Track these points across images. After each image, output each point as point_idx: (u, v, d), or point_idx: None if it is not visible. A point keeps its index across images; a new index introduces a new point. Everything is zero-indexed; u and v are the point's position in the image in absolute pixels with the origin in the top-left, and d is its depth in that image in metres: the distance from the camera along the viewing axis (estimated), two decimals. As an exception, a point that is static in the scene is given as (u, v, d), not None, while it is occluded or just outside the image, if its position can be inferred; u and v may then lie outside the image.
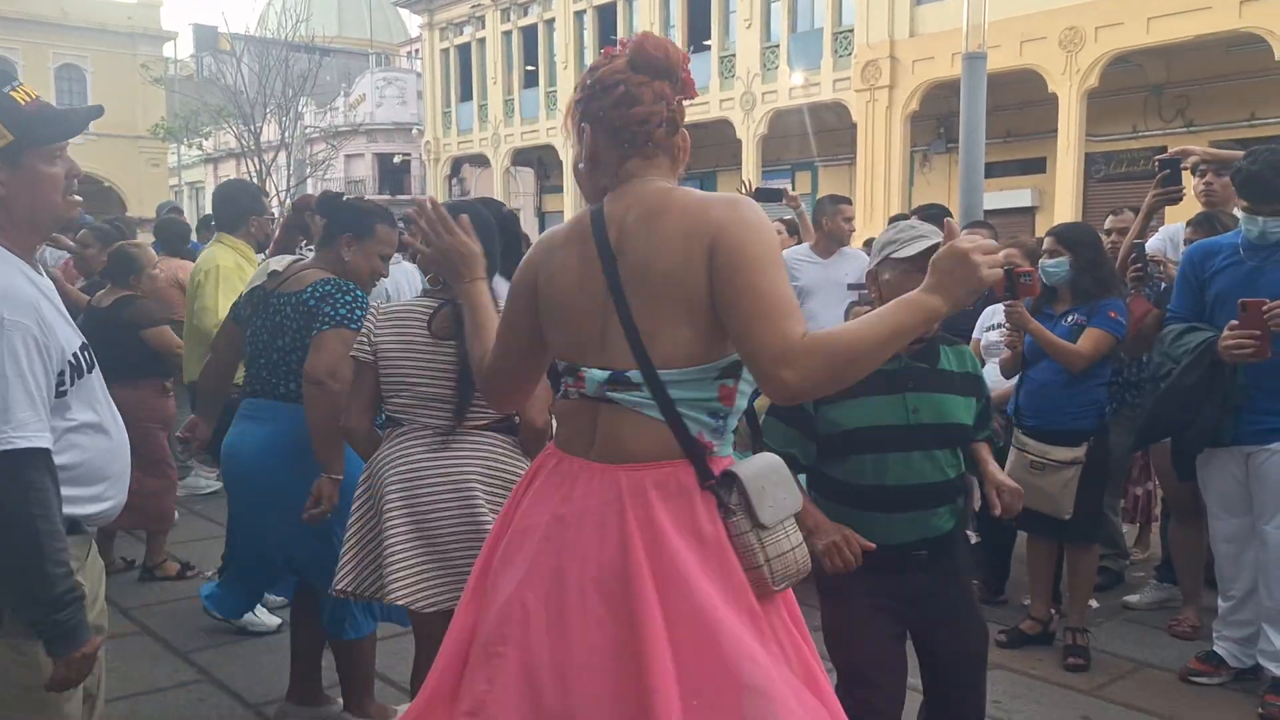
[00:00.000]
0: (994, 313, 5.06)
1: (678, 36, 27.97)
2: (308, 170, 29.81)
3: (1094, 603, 4.87)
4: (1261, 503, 3.89)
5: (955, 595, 2.92)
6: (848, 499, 2.83)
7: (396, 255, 5.28)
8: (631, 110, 2.00)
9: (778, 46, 25.65)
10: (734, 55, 26.62)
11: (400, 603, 3.03)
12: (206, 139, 31.89)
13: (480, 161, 35.92)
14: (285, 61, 26.60)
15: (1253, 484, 3.90)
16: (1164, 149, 17.81)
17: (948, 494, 2.86)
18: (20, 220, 2.14)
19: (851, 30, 23.83)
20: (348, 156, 41.67)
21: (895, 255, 2.79)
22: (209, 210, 8.94)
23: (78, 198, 2.26)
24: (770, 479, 1.99)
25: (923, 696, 3.03)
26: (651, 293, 1.92)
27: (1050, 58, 19.84)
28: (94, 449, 2.23)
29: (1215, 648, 4.19)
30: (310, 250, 8.26)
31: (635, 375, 1.93)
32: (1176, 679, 4.20)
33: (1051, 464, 4.29)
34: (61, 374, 2.12)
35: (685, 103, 2.07)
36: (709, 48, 27.29)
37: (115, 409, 2.34)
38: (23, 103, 2.10)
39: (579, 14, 30.87)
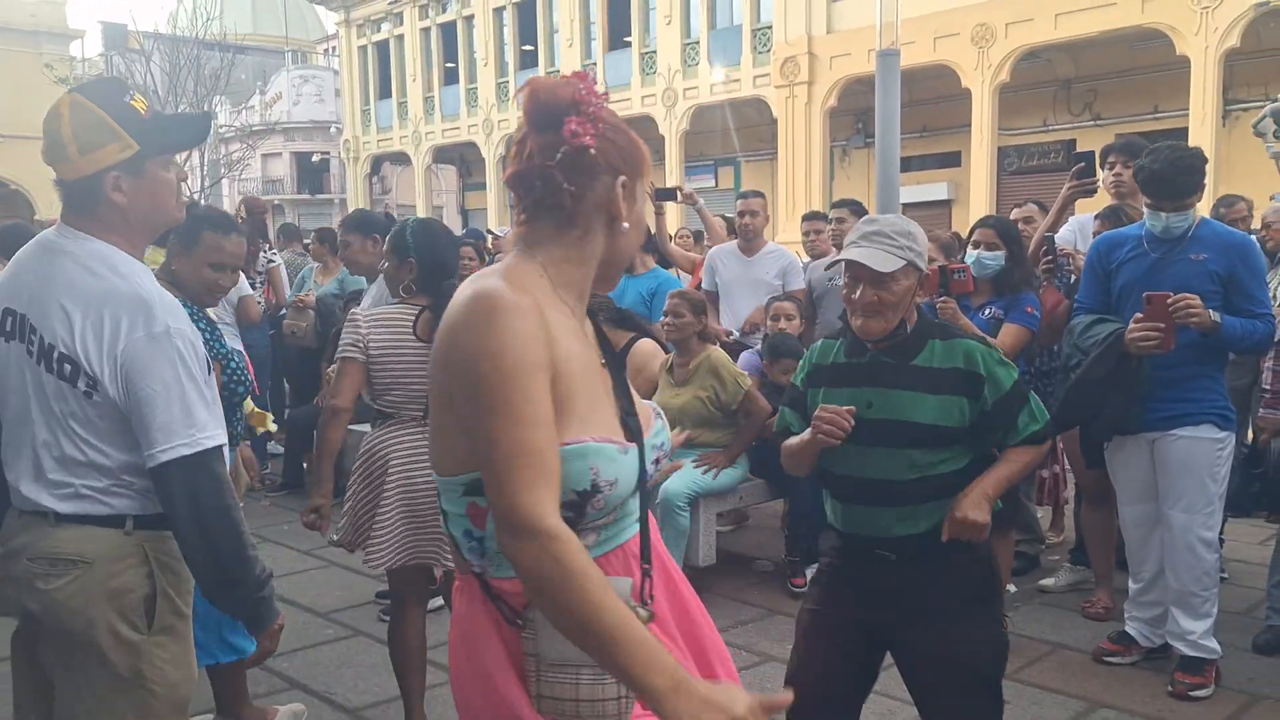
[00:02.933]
0: None
1: (598, 34, 27.99)
2: (223, 171, 29.20)
3: (1011, 587, 4.98)
4: (1166, 488, 4.01)
5: (932, 604, 2.64)
6: (822, 479, 2.84)
7: None
8: (508, 172, 1.73)
9: (698, 43, 25.78)
10: (655, 52, 26.69)
11: (379, 566, 3.48)
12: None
13: (401, 160, 35.53)
14: (197, 60, 26.02)
15: (1157, 470, 4.03)
16: (1074, 142, 18.25)
17: (907, 496, 2.64)
18: (137, 226, 2.22)
19: (770, 27, 24.05)
20: (265, 156, 40.96)
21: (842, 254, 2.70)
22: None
23: (184, 199, 2.35)
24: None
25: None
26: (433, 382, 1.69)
27: (963, 53, 20.23)
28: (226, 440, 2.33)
29: (1126, 628, 4.30)
30: (274, 254, 8.14)
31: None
32: (1090, 660, 4.31)
33: (971, 454, 4.37)
34: (205, 372, 2.22)
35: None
36: (629, 44, 27.32)
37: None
38: (142, 112, 2.19)
39: (498, 11, 30.68)
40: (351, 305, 5.14)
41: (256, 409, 4.08)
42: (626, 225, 1.73)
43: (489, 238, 9.85)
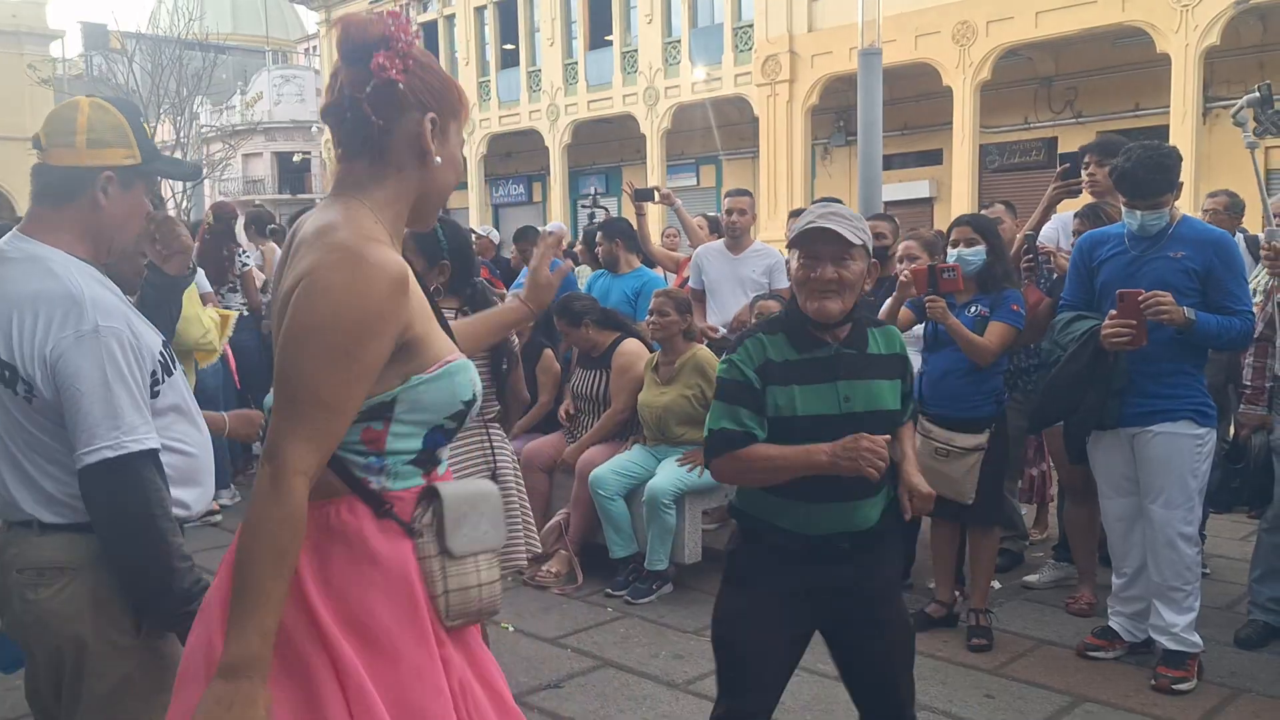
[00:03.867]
0: None
1: (579, 32, 27.96)
2: (205, 171, 29.06)
3: (996, 584, 5.00)
4: (1146, 482, 4.04)
5: (875, 590, 2.74)
6: (773, 487, 2.69)
7: None
8: (321, 105, 1.81)
9: (679, 42, 25.78)
10: (636, 51, 26.67)
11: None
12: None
13: (383, 159, 35.43)
14: (179, 60, 25.88)
15: (1138, 464, 4.06)
16: (1055, 139, 18.32)
17: (873, 486, 2.64)
18: (103, 236, 2.22)
19: (751, 25, 24.06)
20: (246, 156, 40.74)
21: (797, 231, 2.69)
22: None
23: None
24: (477, 507, 1.79)
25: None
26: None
27: (944, 52, 20.29)
28: (194, 444, 2.30)
29: (1110, 623, 4.33)
30: (247, 257, 8.08)
31: None
32: (1075, 655, 4.34)
33: (956, 450, 4.40)
34: (154, 373, 2.17)
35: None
36: (611, 43, 27.31)
37: (197, 405, 2.38)
38: (150, 139, 2.25)
39: (479, 10, 30.62)
40: None
41: None
42: (439, 159, 1.77)
43: (472, 237, 9.84)
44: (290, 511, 1.57)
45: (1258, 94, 4.24)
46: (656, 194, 7.27)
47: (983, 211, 5.77)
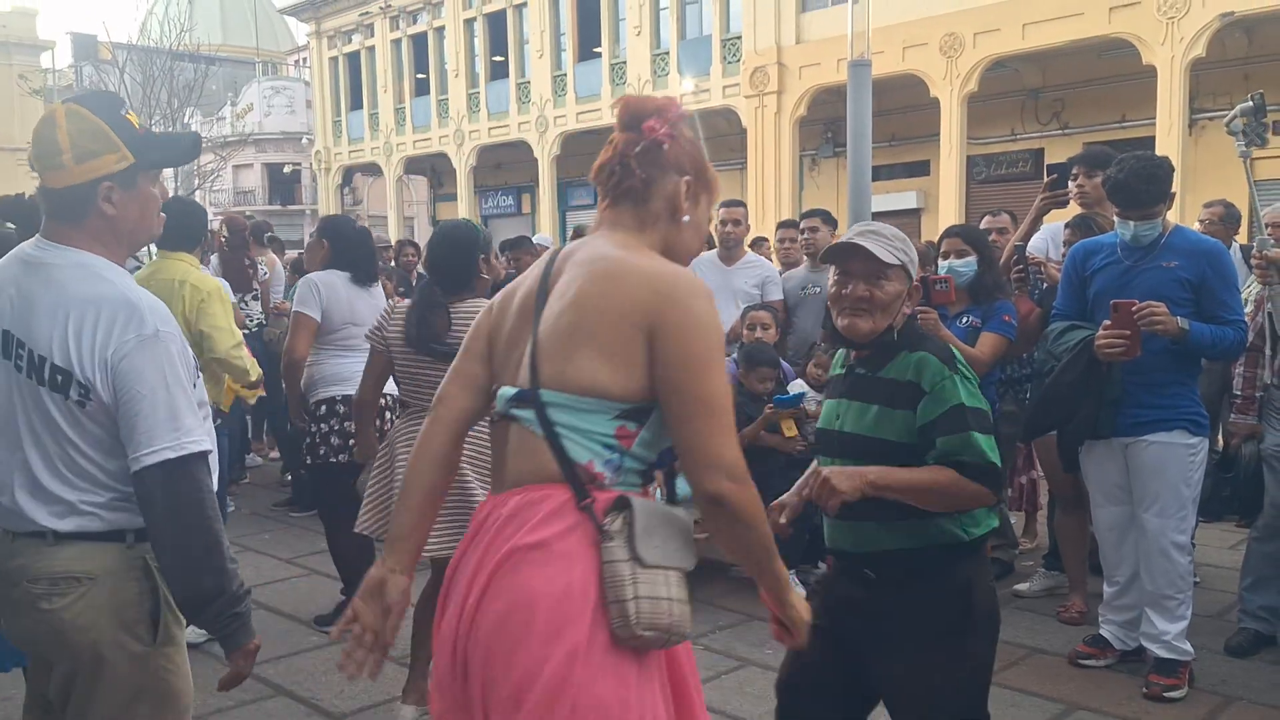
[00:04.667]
0: None
1: (568, 44, 28.00)
2: (196, 182, 29.01)
3: (987, 593, 5.01)
4: (1139, 492, 4.06)
5: (903, 631, 2.52)
6: None
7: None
8: (595, 164, 2.08)
9: (667, 53, 25.84)
10: (624, 62, 26.71)
11: (361, 530, 3.96)
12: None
13: (372, 171, 35.41)
14: (170, 71, 25.86)
15: (1131, 474, 4.07)
16: (1041, 151, 18.33)
17: (871, 512, 2.48)
18: (123, 238, 2.24)
19: (739, 37, 24.13)
20: (236, 167, 40.65)
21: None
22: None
23: (163, 215, 2.35)
24: (667, 526, 1.89)
25: None
26: (558, 319, 1.91)
27: (931, 63, 20.38)
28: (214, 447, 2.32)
29: (1101, 631, 4.35)
30: (263, 266, 8.11)
31: (528, 392, 1.91)
32: (1066, 663, 4.35)
33: (948, 460, 4.40)
34: (195, 377, 2.22)
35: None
36: (600, 55, 27.36)
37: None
38: (135, 127, 2.21)
39: (469, 22, 30.65)
40: None
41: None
42: (686, 218, 2.05)
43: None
44: (755, 493, 1.89)
45: (1251, 103, 4.26)
46: None
47: (988, 220, 5.78)
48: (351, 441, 4.64)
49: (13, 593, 2.14)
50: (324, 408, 4.88)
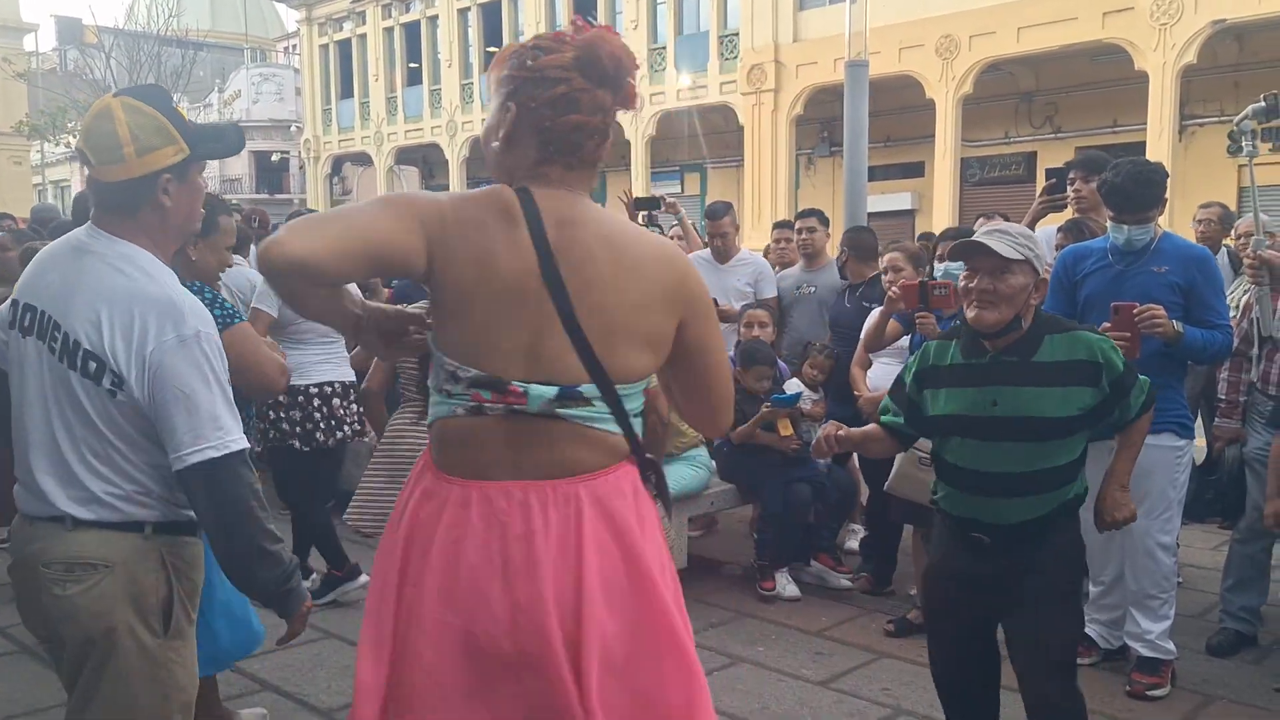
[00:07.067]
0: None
1: (564, 37, 27.92)
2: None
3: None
4: (1127, 493, 4.12)
5: (1029, 588, 2.88)
6: (944, 474, 3.02)
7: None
8: (565, 117, 1.86)
9: (664, 48, 25.86)
10: (620, 56, 26.69)
11: (349, 522, 4.30)
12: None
13: (362, 160, 35.30)
14: (157, 56, 25.75)
15: (1119, 475, 4.13)
16: (1034, 154, 18.27)
17: (1023, 486, 2.85)
18: (173, 231, 2.26)
19: (737, 34, 24.17)
20: (224, 154, 40.46)
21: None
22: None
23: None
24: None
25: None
26: (602, 315, 1.84)
27: (927, 65, 20.46)
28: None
29: (1086, 630, 4.40)
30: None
31: (588, 389, 1.85)
32: (1051, 661, 4.41)
33: (940, 460, 4.46)
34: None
35: None
36: (595, 48, 27.31)
37: None
38: (186, 120, 2.23)
39: (463, 11, 30.59)
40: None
41: None
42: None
43: None
44: None
45: (1264, 104, 4.26)
46: (663, 203, 7.30)
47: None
48: (304, 429, 4.97)
49: (29, 577, 2.17)
50: (283, 396, 5.01)
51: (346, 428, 5.11)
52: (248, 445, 2.17)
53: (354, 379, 5.15)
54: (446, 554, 1.86)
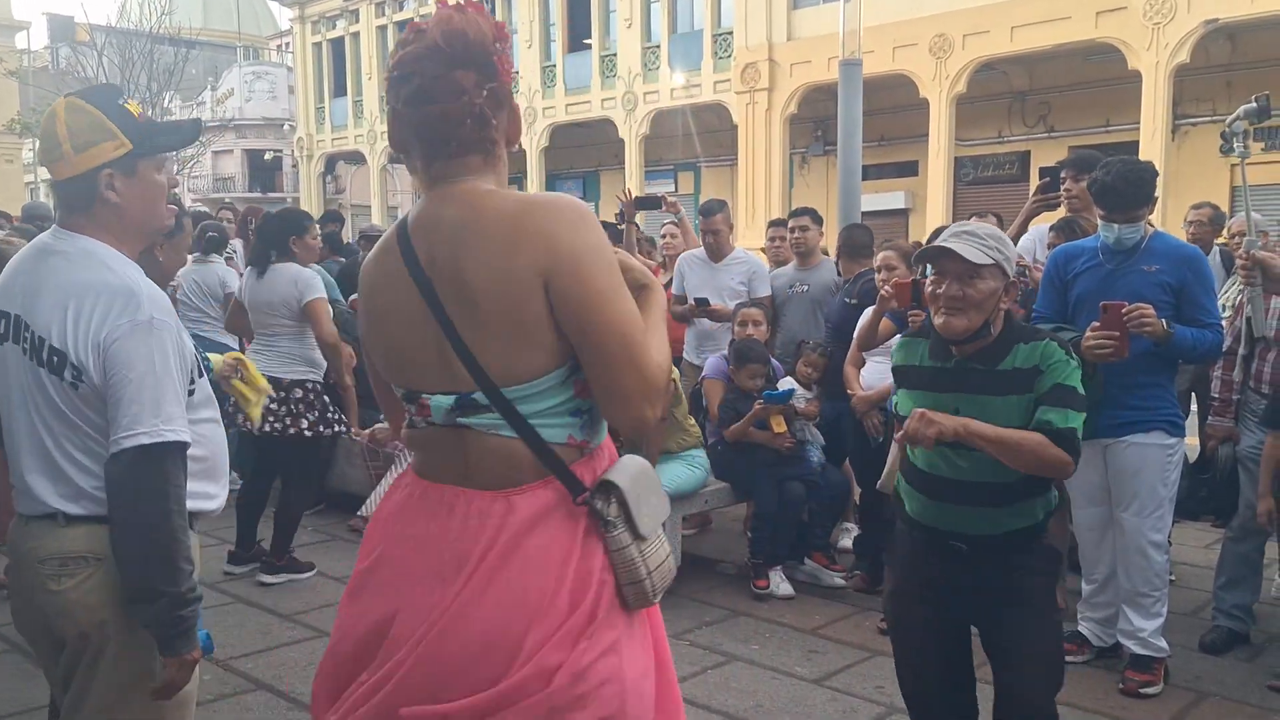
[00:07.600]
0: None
1: (558, 35, 27.96)
2: (175, 168, 28.86)
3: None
4: (1118, 492, 4.12)
5: (1004, 593, 2.80)
6: (912, 479, 2.93)
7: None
8: (423, 109, 1.79)
9: (658, 47, 25.85)
10: (615, 55, 26.71)
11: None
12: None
13: (356, 159, 35.28)
14: (150, 54, 25.68)
15: (1110, 474, 4.14)
16: (1028, 154, 18.29)
17: (988, 496, 2.76)
18: (131, 228, 2.25)
19: (731, 33, 24.16)
20: (215, 153, 40.42)
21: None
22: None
23: (173, 206, 2.38)
24: (644, 485, 1.86)
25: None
26: (472, 312, 1.75)
27: (921, 64, 20.48)
28: (217, 444, 2.33)
29: (1079, 628, 4.41)
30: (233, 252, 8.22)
31: (480, 397, 1.78)
32: (1044, 659, 4.41)
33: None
34: (191, 372, 2.22)
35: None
36: (590, 47, 27.34)
37: (219, 408, 2.43)
38: (135, 115, 2.23)
39: (457, 10, 30.53)
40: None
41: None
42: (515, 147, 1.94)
43: None
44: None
45: (1255, 105, 4.27)
46: (664, 203, 7.29)
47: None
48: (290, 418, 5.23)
49: (25, 576, 2.17)
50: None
51: (338, 425, 5.43)
52: (186, 440, 2.09)
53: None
54: (389, 535, 1.94)
